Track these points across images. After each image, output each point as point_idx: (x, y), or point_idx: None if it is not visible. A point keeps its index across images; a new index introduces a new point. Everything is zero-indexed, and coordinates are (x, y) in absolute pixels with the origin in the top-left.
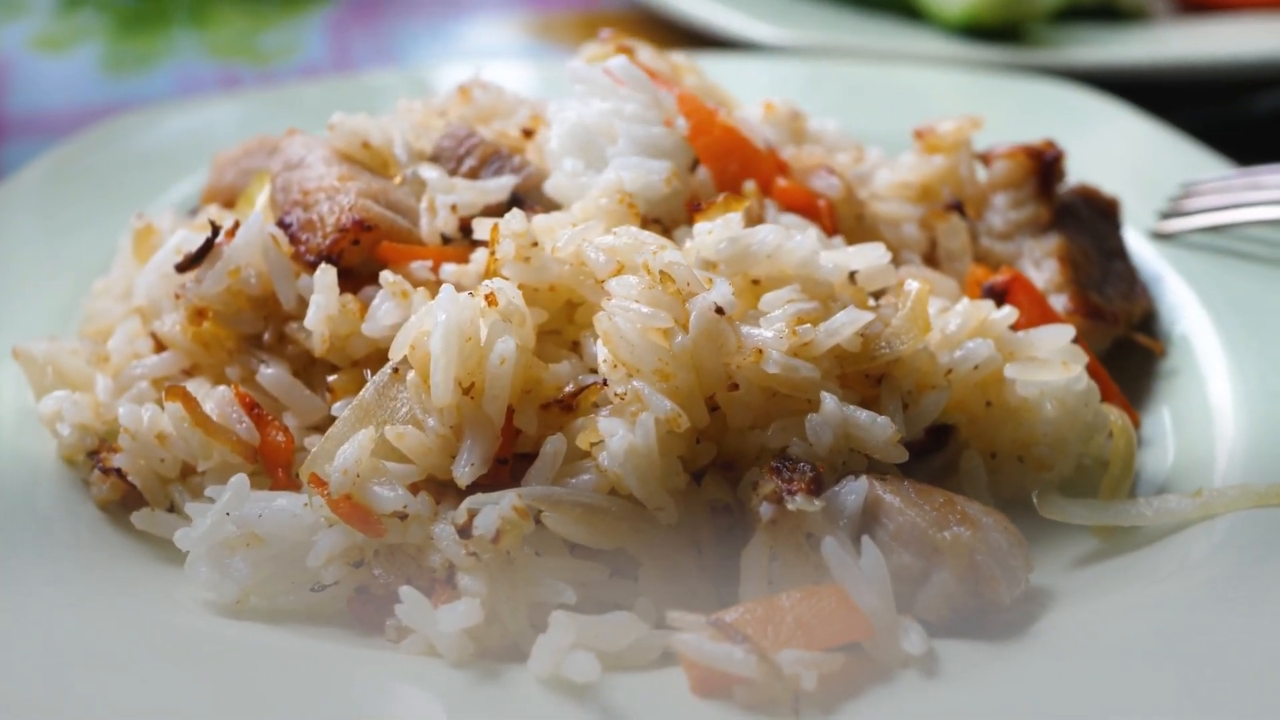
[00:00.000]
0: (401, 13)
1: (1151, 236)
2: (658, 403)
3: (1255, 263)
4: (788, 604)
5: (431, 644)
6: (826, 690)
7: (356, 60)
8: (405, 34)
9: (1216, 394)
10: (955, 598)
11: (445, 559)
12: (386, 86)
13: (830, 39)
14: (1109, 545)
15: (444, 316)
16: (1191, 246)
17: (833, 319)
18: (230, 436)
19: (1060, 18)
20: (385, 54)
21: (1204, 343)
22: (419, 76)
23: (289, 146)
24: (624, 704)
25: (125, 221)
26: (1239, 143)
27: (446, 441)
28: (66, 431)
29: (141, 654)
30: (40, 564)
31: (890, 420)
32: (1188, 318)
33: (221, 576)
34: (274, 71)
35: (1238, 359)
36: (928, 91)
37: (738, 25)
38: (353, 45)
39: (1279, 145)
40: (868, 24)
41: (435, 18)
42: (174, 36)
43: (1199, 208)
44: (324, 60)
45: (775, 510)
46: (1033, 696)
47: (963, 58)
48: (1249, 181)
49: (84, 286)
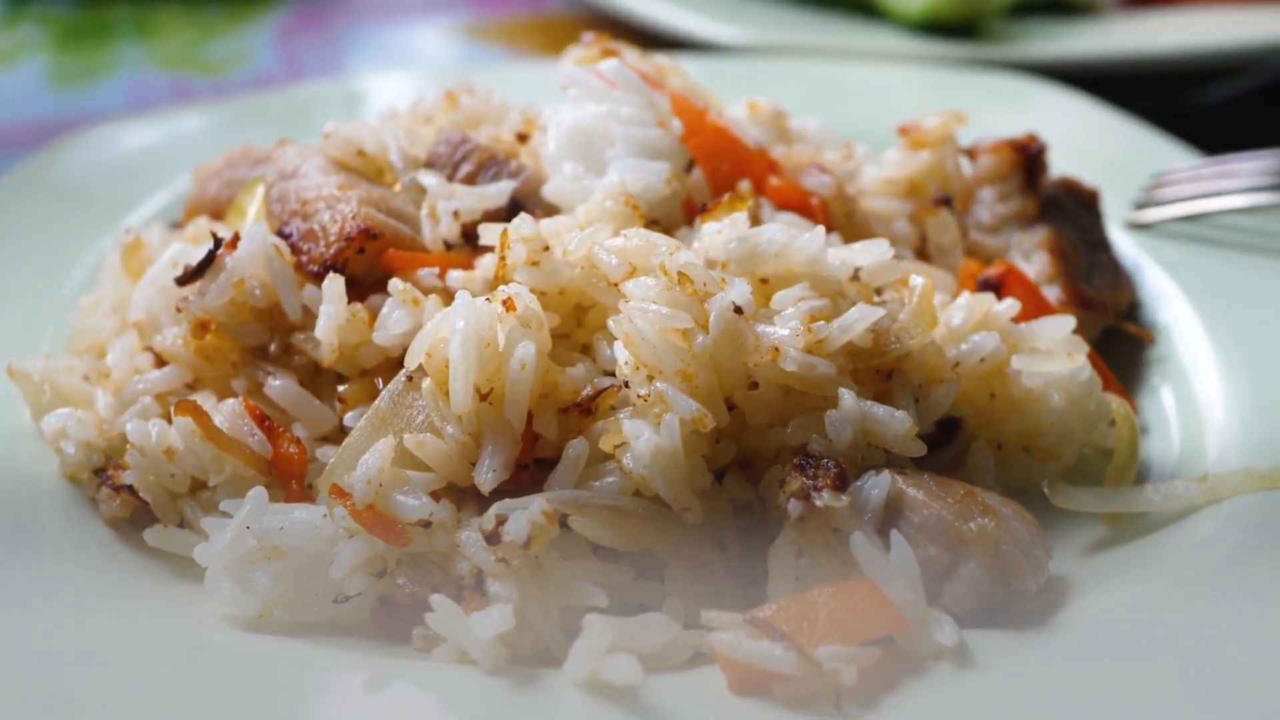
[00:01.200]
0: (348, 20)
1: (1128, 227)
2: (682, 403)
3: (1231, 249)
4: (821, 600)
5: (463, 652)
6: (864, 684)
7: (307, 69)
8: (354, 41)
9: (1205, 380)
10: (983, 589)
11: (474, 566)
12: (346, 95)
13: (789, 38)
14: (1117, 532)
15: (462, 323)
16: (1167, 236)
17: (845, 315)
18: (244, 450)
19: (1014, 13)
20: (335, 62)
21: (1188, 330)
22: (360, 88)
23: (282, 156)
24: (665, 705)
25: (97, 237)
26: (1188, 133)
27: (466, 448)
28: (71, 449)
29: (172, 671)
30: (54, 584)
31: (907, 414)
32: (1170, 306)
33: (244, 591)
34: (226, 82)
35: (1222, 345)
36: (892, 88)
37: (694, 26)
38: (302, 54)
39: (1228, 135)
40: (825, 23)
41: (382, 24)
42: (120, 48)
43: (1173, 197)
44: (275, 69)
45: (803, 507)
46: (1069, 685)
47: (923, 54)
48: (1220, 170)
49: (59, 304)
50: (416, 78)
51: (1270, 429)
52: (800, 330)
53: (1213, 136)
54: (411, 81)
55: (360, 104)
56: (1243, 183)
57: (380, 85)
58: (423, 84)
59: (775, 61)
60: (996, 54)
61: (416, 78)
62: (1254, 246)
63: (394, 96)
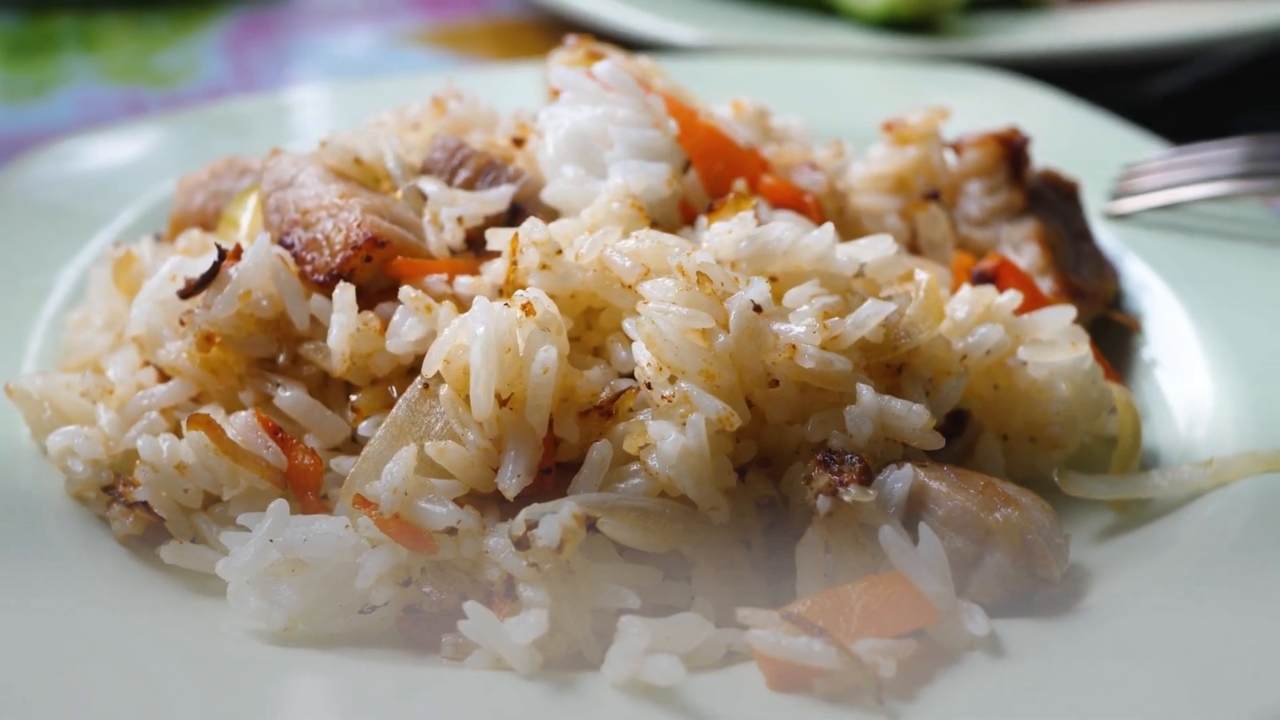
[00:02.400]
0: (294, 28)
1: (1105, 217)
2: (708, 403)
3: (1207, 237)
4: (854, 594)
5: (497, 658)
6: (902, 677)
7: (259, 78)
8: (302, 49)
9: (1193, 366)
10: (1010, 578)
11: (504, 571)
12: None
13: (746, 38)
14: (1124, 518)
15: (482, 329)
16: (1143, 225)
17: (859, 311)
18: (259, 462)
19: (969, 9)
20: (286, 71)
21: (1171, 317)
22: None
23: (277, 166)
24: (706, 704)
25: (74, 253)
26: (1139, 124)
27: (488, 454)
28: (79, 467)
29: (207, 687)
30: (73, 604)
31: (925, 407)
32: (1152, 294)
33: (270, 604)
34: (178, 93)
35: (1207, 331)
36: (854, 85)
37: (649, 26)
38: (252, 63)
39: (1176, 125)
40: (782, 22)
41: (328, 31)
42: (65, 61)
43: (1147, 187)
44: (226, 79)
45: (832, 503)
46: (1104, 672)
47: (882, 51)
48: (1190, 159)
49: (42, 322)
50: (387, 85)
51: (1262, 412)
52: (816, 327)
53: (1163, 127)
54: (377, 88)
55: (338, 113)
56: (1214, 171)
57: (335, 96)
58: (390, 90)
59: (733, 61)
60: (955, 49)
61: (387, 85)
62: (1229, 233)
63: (361, 105)
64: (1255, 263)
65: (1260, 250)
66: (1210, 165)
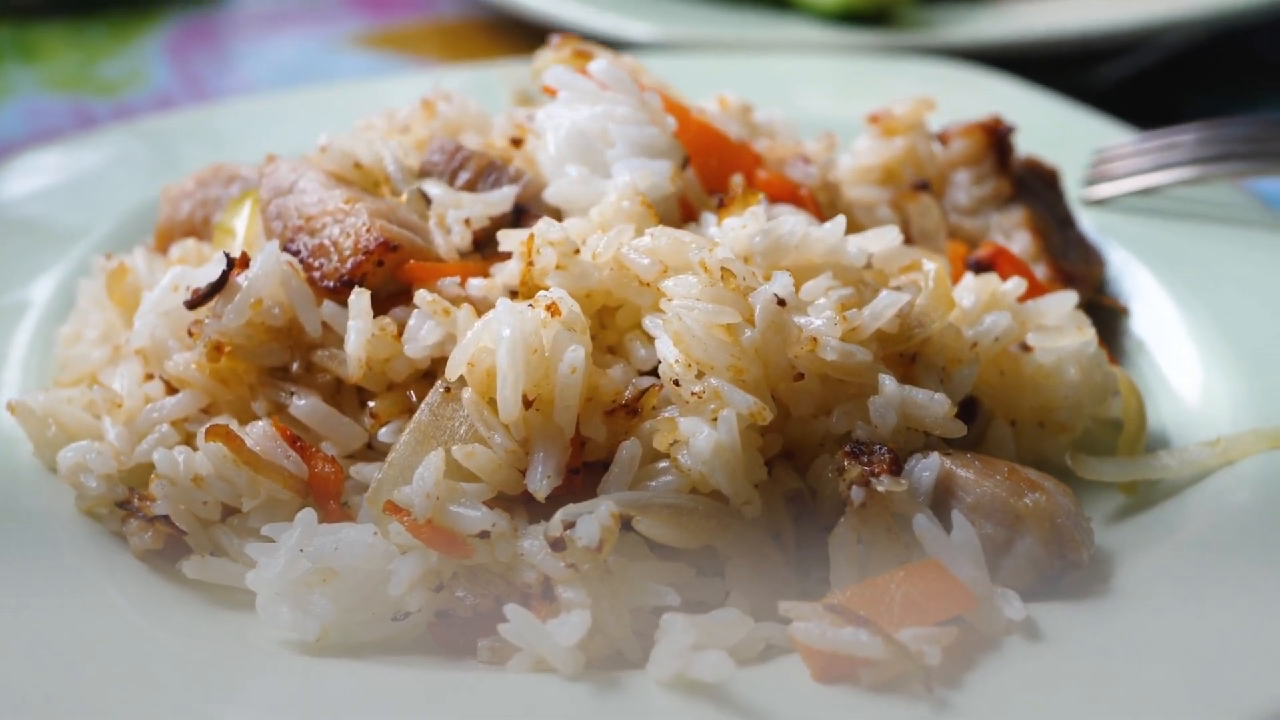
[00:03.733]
0: (236, 32)
1: (1082, 203)
2: (739, 398)
3: (1183, 220)
4: (893, 583)
5: (539, 660)
6: (945, 663)
7: (207, 85)
8: (247, 55)
9: (1180, 347)
10: (1041, 562)
11: (541, 573)
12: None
13: (703, 33)
14: (1134, 500)
15: (508, 332)
16: (1119, 210)
17: (875, 302)
18: (280, 472)
19: (924, 0)
20: (235, 77)
21: (1155, 300)
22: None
23: (275, 172)
24: (756, 698)
25: (49, 267)
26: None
27: (515, 456)
28: (93, 483)
29: (249, 701)
30: (97, 623)
31: (946, 396)
32: (1134, 278)
33: (303, 615)
34: (127, 103)
35: (1192, 313)
36: (815, 78)
37: (606, 24)
38: (198, 70)
39: (1126, 111)
40: (739, 17)
41: (270, 35)
42: (6, 73)
43: (1121, 173)
44: (174, 87)
45: (865, 493)
46: (1142, 652)
47: (840, 43)
48: (1161, 144)
49: (25, 337)
50: (351, 90)
51: (1254, 390)
52: (835, 319)
53: (1114, 113)
54: (340, 93)
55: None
56: (1185, 155)
57: (298, 102)
58: (355, 95)
59: (692, 57)
60: (912, 41)
61: (351, 90)
62: (1205, 215)
63: (324, 110)
64: (1233, 243)
65: (1237, 231)
66: (1181, 149)
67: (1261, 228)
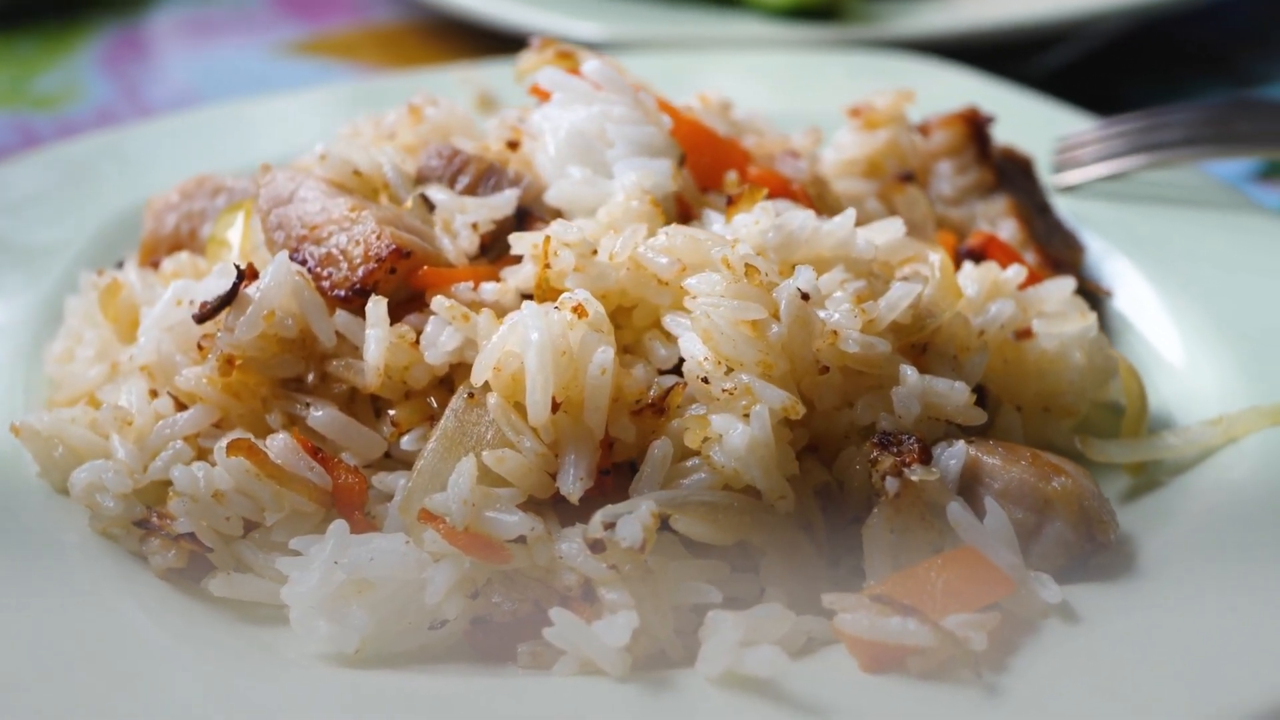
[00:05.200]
0: (170, 43)
1: (1054, 190)
2: (771, 394)
3: (1151, 203)
4: (933, 571)
5: (584, 663)
6: (989, 648)
7: (149, 98)
8: (185, 66)
9: (1162, 329)
10: (1071, 545)
11: (581, 575)
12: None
13: (651, 32)
14: (1141, 480)
15: (537, 335)
16: (1089, 195)
17: (890, 294)
18: (305, 484)
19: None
20: (177, 89)
21: (1133, 282)
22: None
23: (273, 182)
24: (808, 691)
25: (29, 286)
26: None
27: (545, 460)
28: (110, 503)
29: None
30: (128, 647)
31: (965, 384)
32: (1110, 261)
33: (342, 628)
34: (69, 118)
35: (1170, 295)
36: (769, 74)
37: (550, 24)
38: (137, 82)
39: (1067, 99)
40: (686, 15)
41: (205, 44)
42: None
43: (1087, 159)
44: (116, 101)
45: (899, 483)
46: (1181, 629)
47: (791, 39)
48: (1124, 130)
49: (9, 356)
50: (315, 96)
51: (1241, 366)
52: (854, 312)
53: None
54: (305, 101)
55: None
56: (1151, 139)
57: (256, 111)
58: (319, 102)
59: (641, 56)
60: (860, 34)
61: (315, 96)
62: (1171, 198)
63: (282, 119)
64: (1202, 224)
65: (1205, 212)
66: (1144, 134)
67: (1228, 208)
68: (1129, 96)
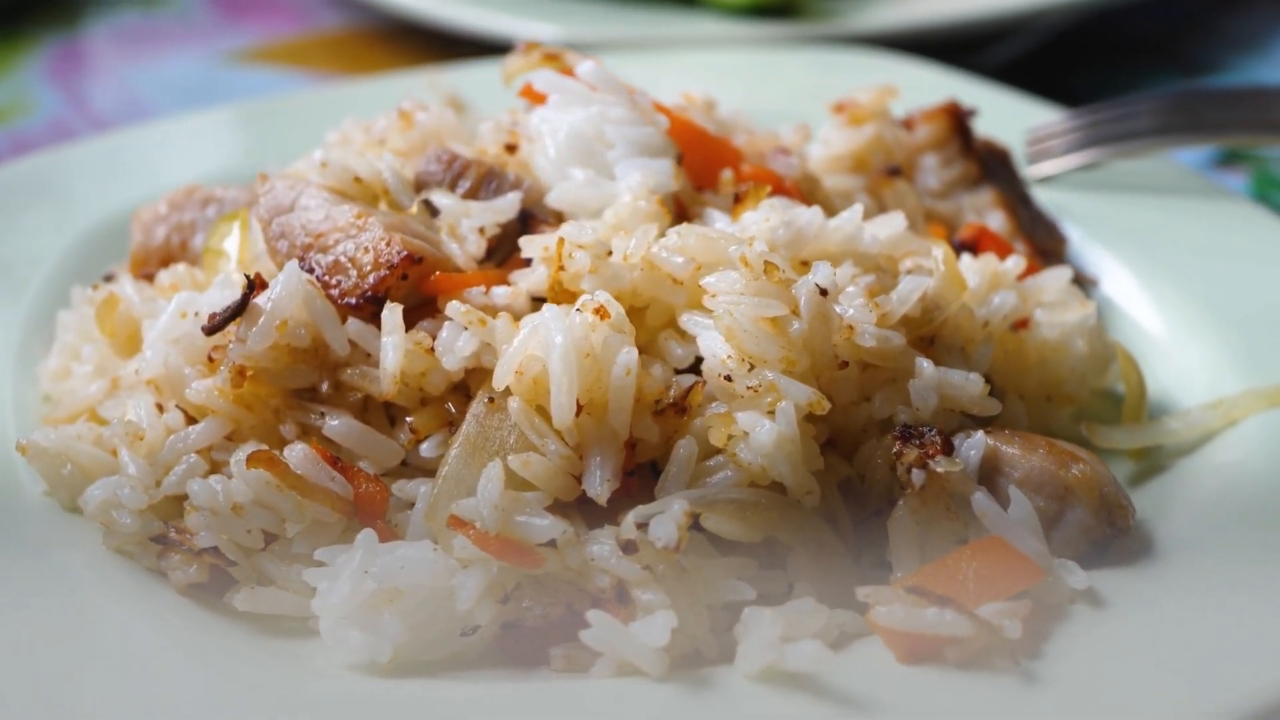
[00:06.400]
0: (117, 53)
1: (1031, 182)
2: (797, 390)
3: (1123, 191)
4: (963, 561)
5: (622, 664)
6: (1023, 636)
7: (103, 111)
8: (135, 76)
9: (1146, 315)
10: (1092, 530)
11: (614, 577)
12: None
13: (609, 33)
14: (1144, 465)
15: (561, 338)
16: (1063, 185)
17: (900, 287)
18: (327, 494)
19: None
20: (129, 101)
21: (1113, 270)
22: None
23: (272, 190)
24: (850, 685)
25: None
26: None
27: (570, 462)
28: (127, 520)
29: None
30: (161, 667)
31: (979, 375)
32: (1089, 249)
33: (375, 637)
34: (21, 132)
35: (1149, 279)
36: (733, 72)
37: (505, 26)
38: (87, 94)
39: (1020, 91)
40: (642, 15)
41: (153, 54)
42: None
43: (1060, 150)
44: (68, 114)
45: (926, 475)
46: (1207, 611)
47: (750, 37)
48: (1092, 120)
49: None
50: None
51: (1226, 350)
52: (868, 306)
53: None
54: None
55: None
56: (1121, 129)
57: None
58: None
59: (601, 57)
60: (819, 31)
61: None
62: (1142, 186)
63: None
64: (1176, 211)
65: (1176, 199)
66: (1115, 124)
67: (1199, 194)
68: (1080, 88)
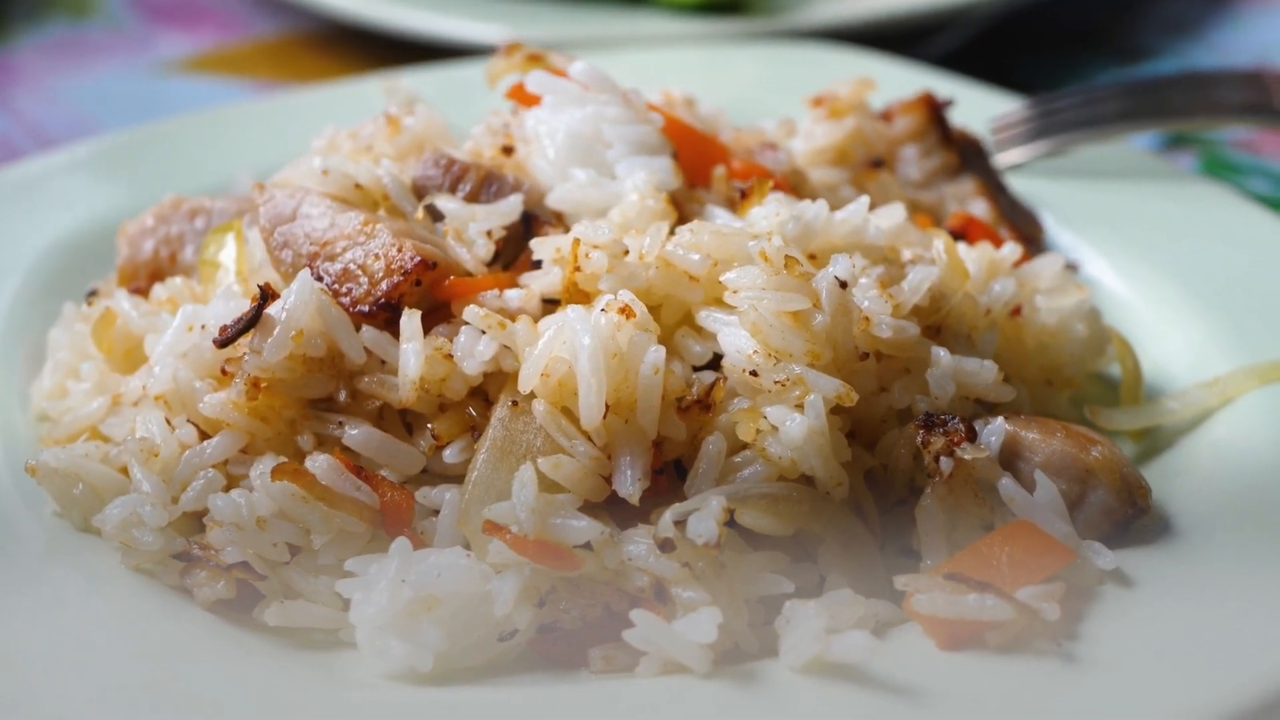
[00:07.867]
0: (50, 69)
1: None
2: (824, 383)
3: (1088, 178)
4: (995, 546)
5: (666, 663)
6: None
7: (48, 129)
8: (75, 91)
9: (1124, 298)
10: (1114, 511)
11: (653, 576)
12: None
13: (554, 33)
14: (1145, 444)
15: (588, 340)
16: (1030, 173)
17: (910, 278)
18: (354, 504)
19: None
20: (75, 117)
21: (1087, 254)
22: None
23: (272, 200)
24: (896, 673)
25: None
26: None
27: (599, 463)
28: (149, 538)
29: None
30: (198, 689)
31: (994, 362)
32: (1063, 235)
33: (416, 646)
34: None
35: (1125, 262)
36: (688, 70)
37: (449, 29)
38: (30, 112)
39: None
40: (590, 15)
41: (87, 67)
42: None
43: (1024, 137)
44: (13, 133)
45: (953, 463)
46: (1235, 584)
47: (702, 34)
48: (1056, 107)
49: None
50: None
51: (1208, 328)
52: (882, 297)
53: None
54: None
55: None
56: (1085, 115)
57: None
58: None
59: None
60: (766, 26)
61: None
62: (1107, 171)
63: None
64: (1141, 194)
65: (1139, 183)
66: (1078, 110)
67: (1164, 178)
68: (1021, 76)
